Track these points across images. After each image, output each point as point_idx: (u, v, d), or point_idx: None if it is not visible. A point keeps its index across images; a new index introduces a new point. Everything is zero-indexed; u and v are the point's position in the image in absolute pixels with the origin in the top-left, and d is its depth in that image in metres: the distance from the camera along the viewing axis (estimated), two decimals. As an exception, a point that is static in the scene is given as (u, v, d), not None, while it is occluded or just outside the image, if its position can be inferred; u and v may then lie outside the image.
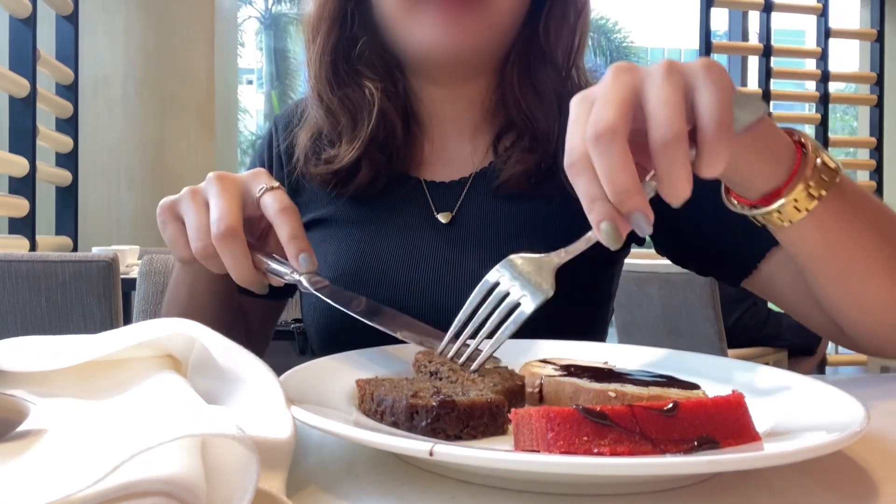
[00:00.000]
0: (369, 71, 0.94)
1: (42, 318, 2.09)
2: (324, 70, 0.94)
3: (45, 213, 4.03)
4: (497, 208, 0.93)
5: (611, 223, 0.51)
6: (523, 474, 0.42)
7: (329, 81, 0.94)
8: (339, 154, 0.93)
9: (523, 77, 0.94)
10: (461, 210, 0.94)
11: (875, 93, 5.25)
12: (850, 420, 0.46)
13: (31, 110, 3.69)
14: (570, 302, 0.90)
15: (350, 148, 0.93)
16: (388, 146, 0.94)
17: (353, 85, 0.94)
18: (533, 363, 0.63)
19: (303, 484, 0.44)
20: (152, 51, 4.72)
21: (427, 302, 0.89)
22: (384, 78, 0.94)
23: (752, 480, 0.44)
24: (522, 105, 0.93)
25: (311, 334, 0.98)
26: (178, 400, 0.45)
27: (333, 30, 0.94)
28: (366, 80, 0.94)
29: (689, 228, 0.90)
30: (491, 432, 0.50)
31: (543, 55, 0.93)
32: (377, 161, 0.94)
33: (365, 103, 0.93)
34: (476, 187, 0.95)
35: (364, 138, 0.92)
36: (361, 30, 0.94)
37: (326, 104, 0.94)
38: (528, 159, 0.91)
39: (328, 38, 0.94)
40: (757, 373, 0.62)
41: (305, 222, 0.98)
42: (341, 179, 0.94)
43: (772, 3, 5.01)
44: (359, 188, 0.94)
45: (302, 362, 0.63)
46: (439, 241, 0.93)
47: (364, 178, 0.93)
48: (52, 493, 0.31)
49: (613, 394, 0.52)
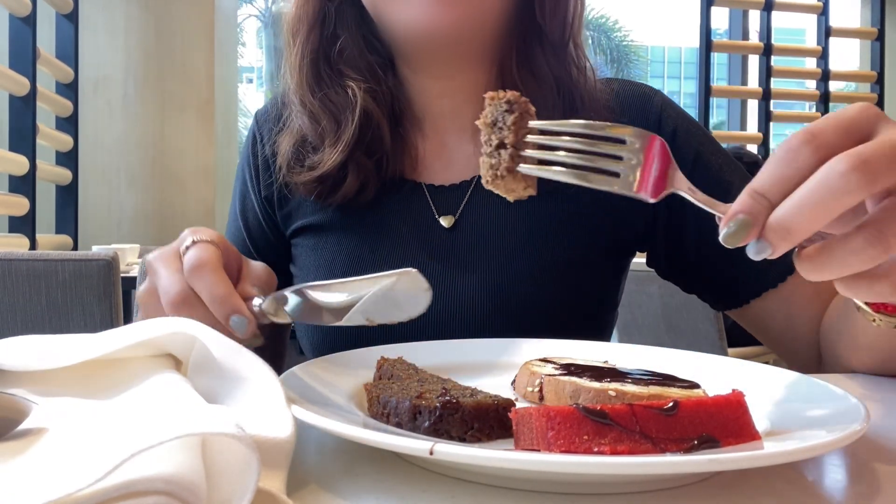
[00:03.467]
0: (352, 71, 0.90)
1: (42, 317, 2.09)
2: (304, 73, 0.91)
3: (46, 212, 4.04)
4: (502, 211, 0.89)
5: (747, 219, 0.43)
6: (523, 473, 0.42)
7: (310, 84, 0.90)
8: (322, 159, 0.89)
9: (521, 64, 0.90)
10: (464, 214, 0.90)
11: (875, 91, 5.26)
12: (850, 419, 0.46)
13: (31, 109, 3.69)
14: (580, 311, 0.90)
15: (333, 152, 0.88)
16: (376, 150, 0.90)
17: (335, 86, 0.90)
18: (533, 362, 0.63)
19: (303, 483, 0.44)
20: (152, 49, 4.71)
21: (434, 312, 0.85)
22: (367, 77, 0.90)
23: (752, 480, 0.44)
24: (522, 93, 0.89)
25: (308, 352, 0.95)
26: (178, 399, 0.45)
27: (313, 31, 0.91)
28: (348, 80, 0.90)
29: (690, 249, 0.89)
30: (497, 435, 0.49)
31: (540, 35, 0.89)
32: (364, 166, 0.89)
33: (347, 103, 0.89)
34: (480, 189, 0.90)
35: (348, 141, 0.88)
36: (342, 28, 0.91)
37: (308, 108, 0.90)
38: None
39: (308, 40, 0.91)
40: (757, 372, 0.62)
41: (294, 229, 0.95)
42: (327, 187, 0.90)
43: (772, 2, 5.01)
44: (346, 196, 0.89)
45: (302, 362, 0.63)
46: (441, 247, 0.89)
47: (351, 185, 0.89)
48: (52, 491, 0.31)
49: (614, 393, 0.52)
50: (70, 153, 4.28)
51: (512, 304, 0.86)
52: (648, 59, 35.68)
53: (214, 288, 0.59)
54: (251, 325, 0.59)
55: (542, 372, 0.59)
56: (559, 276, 0.88)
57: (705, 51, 4.92)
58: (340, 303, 0.60)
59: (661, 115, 0.92)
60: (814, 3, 5.13)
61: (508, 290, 0.87)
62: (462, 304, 0.87)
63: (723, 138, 5.38)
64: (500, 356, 0.70)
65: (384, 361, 0.61)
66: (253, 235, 0.99)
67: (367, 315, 0.60)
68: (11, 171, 3.63)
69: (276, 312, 0.61)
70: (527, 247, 0.88)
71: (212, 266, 0.60)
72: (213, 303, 0.59)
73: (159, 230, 4.69)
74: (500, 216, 0.89)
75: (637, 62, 25.37)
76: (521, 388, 0.60)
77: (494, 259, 0.88)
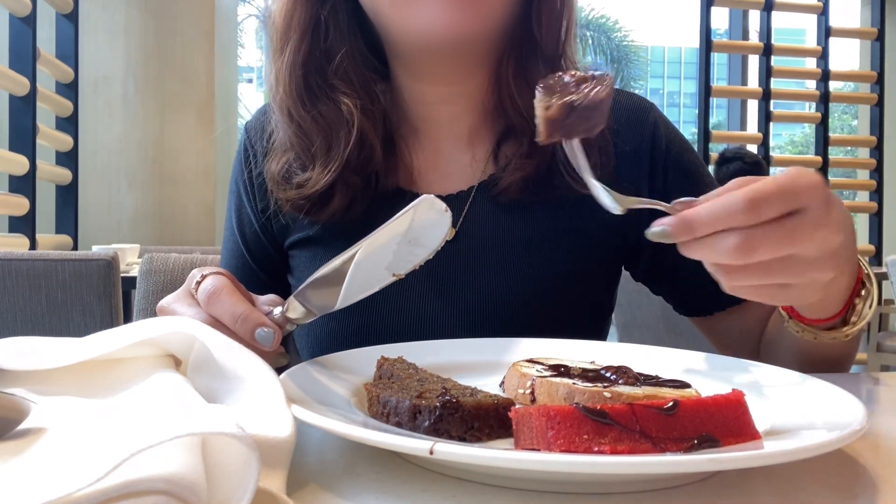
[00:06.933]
0: (345, 85, 0.87)
1: (42, 317, 2.09)
2: (294, 84, 0.86)
3: (46, 212, 4.03)
4: (503, 220, 0.88)
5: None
6: (523, 473, 0.42)
7: (300, 97, 0.86)
8: (311, 178, 0.86)
9: (517, 72, 0.89)
10: (465, 224, 0.89)
11: (875, 91, 5.26)
12: (850, 419, 0.46)
13: (31, 109, 3.69)
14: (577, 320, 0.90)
15: (324, 172, 0.86)
16: (367, 167, 0.88)
17: (327, 101, 0.86)
18: (521, 363, 0.62)
19: (303, 483, 0.44)
20: (152, 49, 4.71)
21: (433, 325, 0.86)
22: (361, 93, 0.87)
23: (752, 479, 0.44)
24: (518, 102, 0.88)
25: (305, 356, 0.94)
26: (178, 398, 0.45)
27: (305, 40, 0.86)
28: (341, 96, 0.86)
29: (670, 260, 0.90)
30: (497, 435, 0.49)
31: (534, 45, 0.89)
32: (353, 185, 0.87)
33: (341, 122, 0.86)
34: (479, 199, 0.90)
35: (340, 162, 0.85)
36: (338, 38, 0.87)
37: (297, 122, 0.87)
38: (526, 165, 0.87)
39: (299, 50, 0.86)
40: (757, 371, 0.62)
41: (290, 243, 0.94)
42: (314, 205, 0.88)
43: (772, 2, 5.01)
44: (333, 215, 0.88)
45: (302, 362, 0.63)
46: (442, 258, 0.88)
47: (339, 204, 0.87)
48: (52, 491, 0.31)
49: (609, 394, 0.52)
50: (70, 153, 4.28)
51: (508, 315, 0.86)
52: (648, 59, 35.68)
53: (234, 308, 0.60)
54: (277, 335, 0.60)
55: (532, 373, 0.58)
56: (556, 287, 0.88)
57: (705, 51, 4.92)
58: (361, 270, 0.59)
59: (655, 131, 0.93)
60: (814, 3, 5.13)
61: (505, 300, 0.86)
62: (460, 315, 0.86)
63: (723, 138, 5.38)
64: (500, 356, 0.70)
65: (384, 361, 0.61)
66: (251, 249, 0.97)
67: (392, 270, 0.60)
68: (11, 171, 3.62)
69: (297, 314, 0.62)
70: (524, 258, 0.87)
71: (227, 290, 0.62)
72: (235, 322, 0.60)
73: (159, 230, 4.69)
74: (498, 228, 0.88)
75: (637, 62, 25.34)
76: (512, 391, 0.59)
77: (492, 270, 0.87)
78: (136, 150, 4.71)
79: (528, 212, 0.89)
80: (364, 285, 0.60)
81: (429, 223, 0.59)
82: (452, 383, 0.56)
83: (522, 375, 0.58)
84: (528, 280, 0.87)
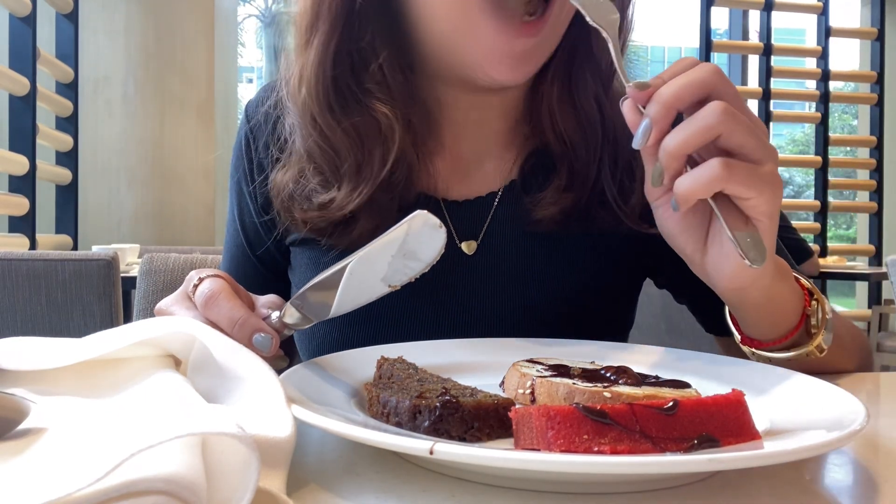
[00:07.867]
0: (381, 90, 0.76)
1: (42, 317, 2.09)
2: (322, 87, 0.76)
3: (46, 212, 4.04)
4: (528, 237, 0.83)
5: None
6: (523, 473, 0.42)
7: (328, 102, 0.76)
8: (336, 199, 0.77)
9: (563, 95, 0.81)
10: (487, 238, 0.83)
11: (875, 91, 5.26)
12: (850, 419, 0.46)
13: (31, 109, 3.69)
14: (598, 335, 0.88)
15: (354, 193, 0.76)
16: (398, 188, 0.78)
17: (359, 109, 0.76)
18: (521, 363, 0.62)
19: (303, 483, 0.44)
20: (152, 49, 4.71)
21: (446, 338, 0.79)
22: (397, 100, 0.77)
23: (752, 479, 0.44)
24: (560, 128, 0.81)
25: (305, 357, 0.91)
26: (178, 399, 0.45)
27: (335, 33, 0.76)
28: (376, 103, 0.76)
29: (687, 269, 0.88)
30: (497, 435, 0.49)
31: (588, 58, 0.81)
32: (385, 208, 0.77)
33: (378, 138, 0.76)
34: (503, 209, 0.83)
35: (373, 184, 0.76)
36: (375, 34, 0.76)
37: (322, 131, 0.77)
38: (564, 199, 0.80)
39: (328, 44, 0.76)
40: (757, 371, 0.62)
41: (293, 239, 0.88)
42: (337, 227, 0.78)
43: (772, 2, 5.01)
44: (360, 237, 0.77)
45: (302, 362, 0.63)
46: (462, 274, 0.82)
47: (365, 227, 0.77)
48: (52, 491, 0.31)
49: (609, 394, 0.52)
50: (70, 153, 4.28)
51: (527, 329, 0.80)
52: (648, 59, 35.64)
53: (231, 313, 0.59)
54: (275, 340, 0.59)
55: (532, 373, 0.58)
56: (577, 302, 0.85)
57: (705, 51, 4.92)
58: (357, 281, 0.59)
59: None
60: (814, 3, 5.13)
61: (524, 314, 0.83)
62: (476, 328, 0.82)
63: (723, 138, 5.37)
64: (500, 356, 0.70)
65: (384, 361, 0.61)
66: (251, 241, 0.92)
67: (388, 281, 0.60)
68: (11, 171, 3.63)
69: (294, 319, 0.61)
70: (547, 272, 0.83)
71: (225, 294, 0.60)
72: (232, 327, 0.58)
73: (159, 230, 4.70)
74: (522, 241, 0.83)
75: (637, 62, 25.34)
76: (511, 390, 0.59)
77: (513, 285, 0.83)
78: (135, 149, 4.71)
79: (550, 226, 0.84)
80: (359, 295, 0.60)
81: (424, 238, 0.59)
82: (452, 383, 0.56)
83: (522, 375, 0.58)
84: (547, 294, 0.83)
